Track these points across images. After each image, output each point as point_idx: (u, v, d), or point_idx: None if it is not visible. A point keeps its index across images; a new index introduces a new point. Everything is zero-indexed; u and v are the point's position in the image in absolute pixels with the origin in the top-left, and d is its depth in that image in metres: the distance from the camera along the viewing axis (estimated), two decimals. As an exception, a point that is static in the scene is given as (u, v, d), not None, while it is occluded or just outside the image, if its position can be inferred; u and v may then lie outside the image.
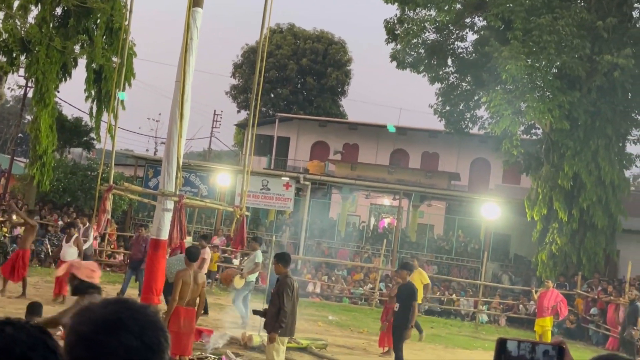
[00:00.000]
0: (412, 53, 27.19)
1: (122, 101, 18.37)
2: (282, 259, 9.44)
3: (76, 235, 15.59)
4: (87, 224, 18.24)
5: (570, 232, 23.08)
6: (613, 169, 22.97)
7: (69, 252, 14.96)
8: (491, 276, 25.44)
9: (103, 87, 25.59)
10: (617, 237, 24.12)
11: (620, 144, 24.25)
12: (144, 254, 17.11)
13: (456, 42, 27.78)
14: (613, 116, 23.01)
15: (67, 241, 15.38)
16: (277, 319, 8.97)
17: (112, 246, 24.57)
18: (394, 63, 27.47)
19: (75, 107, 47.73)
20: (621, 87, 22.68)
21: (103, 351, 1.51)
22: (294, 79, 48.74)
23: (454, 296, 23.74)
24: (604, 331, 20.49)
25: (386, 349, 13.69)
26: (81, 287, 6.24)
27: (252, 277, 15.00)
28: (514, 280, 25.76)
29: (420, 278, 15.83)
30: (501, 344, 1.67)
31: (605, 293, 21.04)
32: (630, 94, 23.67)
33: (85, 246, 16.30)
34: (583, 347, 19.49)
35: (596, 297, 21.19)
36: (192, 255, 9.80)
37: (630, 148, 25.79)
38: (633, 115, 24.57)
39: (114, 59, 24.98)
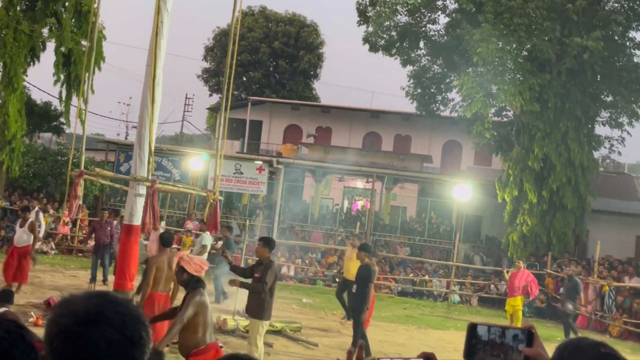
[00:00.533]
0: (385, 36, 27.20)
1: (91, 85, 18.14)
2: (269, 243, 9.39)
3: (31, 220, 14.82)
4: (37, 207, 17.99)
5: (541, 213, 23.39)
6: (582, 151, 23.28)
7: (23, 237, 14.28)
8: (463, 257, 25.72)
9: (72, 71, 25.24)
10: (586, 217, 24.50)
11: (590, 126, 24.56)
12: (111, 238, 17.03)
13: (428, 25, 27.84)
14: (582, 98, 23.29)
15: (22, 226, 14.51)
16: (261, 304, 8.99)
17: (83, 232, 24.38)
18: (367, 46, 27.47)
19: (44, 92, 46.99)
20: (590, 69, 22.94)
21: (84, 343, 1.51)
22: (266, 62, 48.51)
23: (426, 277, 23.98)
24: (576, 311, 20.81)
25: None
26: (190, 281, 6.45)
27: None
28: (486, 261, 26.07)
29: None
30: (472, 329, 1.69)
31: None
32: (599, 76, 23.98)
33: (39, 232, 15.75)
34: (553, 326, 19.83)
35: (565, 276, 21.50)
36: (166, 241, 9.77)
37: (599, 130, 26.16)
38: (602, 97, 24.89)
39: (83, 42, 24.63)
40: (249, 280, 9.25)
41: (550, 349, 1.65)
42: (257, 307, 9.03)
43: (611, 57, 23.53)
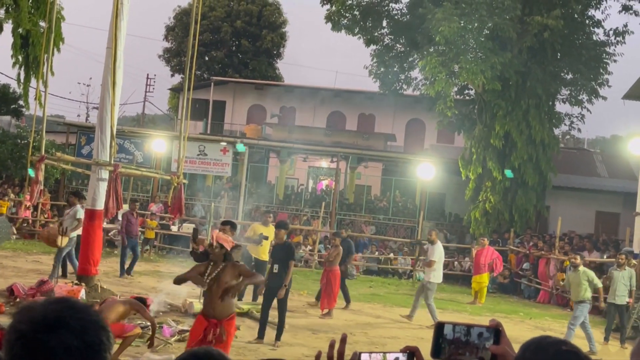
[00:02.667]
0: (347, 15, 27.16)
1: (51, 67, 17.82)
2: (234, 226, 9.51)
3: None
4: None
5: (503, 190, 23.72)
6: (543, 128, 23.62)
7: None
8: (427, 235, 25.95)
9: (31, 53, 24.76)
10: (547, 193, 24.90)
11: (550, 103, 24.89)
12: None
13: (390, 4, 27.84)
14: (543, 76, 23.57)
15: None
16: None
17: (45, 215, 24.06)
18: (329, 25, 27.39)
19: (2, 74, 45.97)
20: (551, 47, 23.22)
21: (42, 350, 1.49)
22: (228, 41, 48.06)
23: (391, 255, 24.19)
24: (536, 285, 21.22)
25: (326, 310, 13.95)
26: (226, 255, 7.49)
27: (74, 234, 14.13)
28: (449, 238, 26.37)
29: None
30: (439, 328, 1.71)
31: (536, 248, 21.75)
32: (559, 55, 24.28)
33: None
34: (516, 301, 20.19)
35: (528, 252, 21.89)
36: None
37: (560, 107, 26.53)
38: (562, 75, 25.23)
39: (42, 23, 24.15)
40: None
41: (513, 324, 1.68)
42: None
43: (571, 36, 23.84)
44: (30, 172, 12.80)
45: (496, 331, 1.65)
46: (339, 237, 15.16)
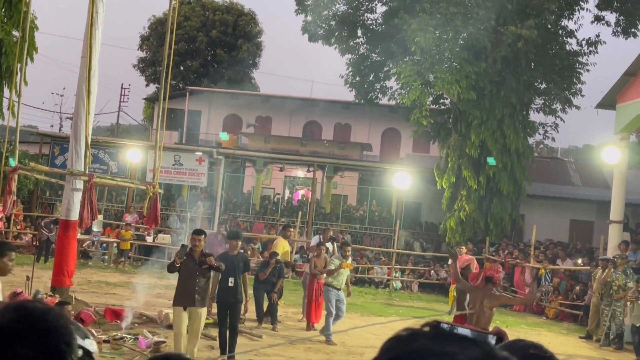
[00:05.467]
0: (323, 25, 27.24)
1: (24, 76, 17.60)
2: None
3: None
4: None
5: (478, 198, 23.86)
6: (517, 137, 23.81)
7: None
8: (403, 244, 26.05)
9: (3, 62, 24.40)
10: (522, 202, 25.09)
11: (524, 113, 25.11)
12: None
13: (366, 14, 27.97)
14: (517, 86, 23.78)
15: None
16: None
17: (18, 227, 23.77)
18: (306, 35, 27.47)
19: (-27, 83, 45.25)
20: (525, 57, 23.45)
21: None
22: (204, 51, 47.96)
23: (367, 265, 24.19)
24: (511, 293, 21.33)
25: (316, 324, 13.70)
26: None
27: None
28: (425, 247, 26.47)
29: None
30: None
31: (511, 257, 21.88)
32: (533, 64, 24.53)
33: None
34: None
35: (503, 260, 22.01)
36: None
37: (534, 116, 26.80)
38: (536, 84, 25.50)
39: (15, 32, 23.88)
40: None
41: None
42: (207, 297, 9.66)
43: (544, 45, 24.08)
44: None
45: (498, 339, 1.64)
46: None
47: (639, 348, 13.88)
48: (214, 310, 10.72)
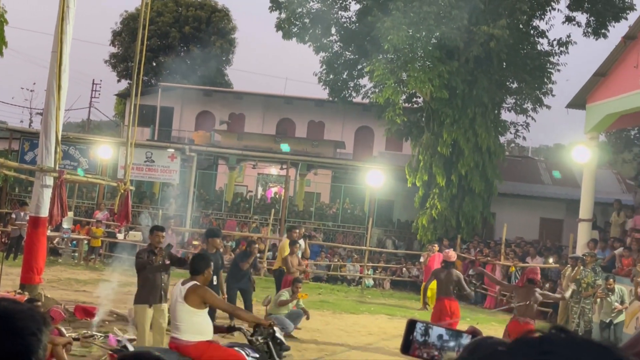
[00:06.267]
0: (297, 22, 27.20)
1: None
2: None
3: None
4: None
5: (450, 196, 24.00)
6: (489, 136, 24.00)
7: None
8: (376, 241, 26.13)
9: (-29, 56, 24.06)
10: (493, 200, 25.31)
11: (496, 112, 25.32)
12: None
13: (340, 12, 27.99)
14: (489, 85, 23.97)
15: None
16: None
17: (-13, 224, 23.43)
18: (280, 33, 27.42)
19: (-60, 77, 44.53)
20: (497, 56, 23.64)
21: None
22: (176, 47, 47.61)
23: (340, 262, 24.24)
24: (482, 291, 21.51)
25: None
26: None
27: None
28: (398, 244, 26.59)
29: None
30: (410, 325, 1.70)
31: (482, 254, 22.06)
32: (505, 64, 24.74)
33: None
34: (463, 307, 20.37)
35: (474, 258, 22.18)
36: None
37: (505, 115, 27.10)
38: (507, 84, 25.74)
39: (-17, 26, 23.50)
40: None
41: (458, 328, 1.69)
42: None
43: (516, 45, 24.31)
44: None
45: (473, 337, 1.66)
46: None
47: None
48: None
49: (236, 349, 6.91)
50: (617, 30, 22.53)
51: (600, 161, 24.79)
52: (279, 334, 7.11)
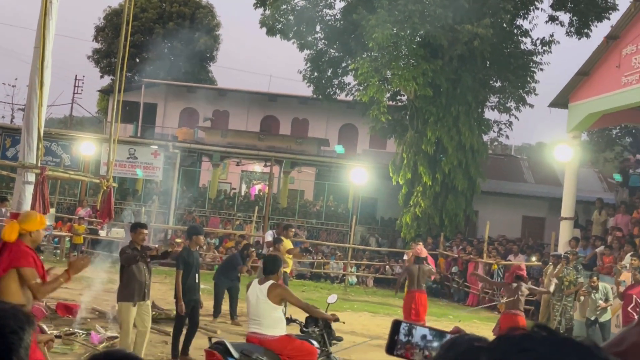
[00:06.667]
0: (282, 20, 27.14)
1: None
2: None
3: None
4: None
5: (433, 194, 24.08)
6: (473, 134, 24.10)
7: None
8: (359, 239, 26.17)
9: (-48, 51, 23.82)
10: (476, 198, 25.43)
11: (479, 110, 25.43)
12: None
13: (324, 10, 27.95)
14: (473, 84, 24.07)
15: None
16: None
17: (-33, 220, 23.21)
18: (264, 29, 27.34)
19: None
20: (480, 55, 23.73)
21: None
22: (160, 43, 47.35)
23: (323, 260, 24.25)
24: (465, 288, 21.61)
25: None
26: None
27: None
28: (381, 242, 26.65)
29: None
30: (395, 325, 1.71)
31: (465, 252, 22.16)
32: (488, 63, 24.85)
33: None
34: (445, 304, 20.52)
35: (457, 256, 22.28)
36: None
37: (488, 114, 27.23)
38: (491, 82, 25.86)
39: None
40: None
41: (442, 327, 1.69)
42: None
43: (500, 44, 24.42)
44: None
45: None
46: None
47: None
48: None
49: (309, 340, 7.78)
50: (600, 30, 22.75)
51: (582, 160, 24.98)
52: (332, 327, 8.28)
